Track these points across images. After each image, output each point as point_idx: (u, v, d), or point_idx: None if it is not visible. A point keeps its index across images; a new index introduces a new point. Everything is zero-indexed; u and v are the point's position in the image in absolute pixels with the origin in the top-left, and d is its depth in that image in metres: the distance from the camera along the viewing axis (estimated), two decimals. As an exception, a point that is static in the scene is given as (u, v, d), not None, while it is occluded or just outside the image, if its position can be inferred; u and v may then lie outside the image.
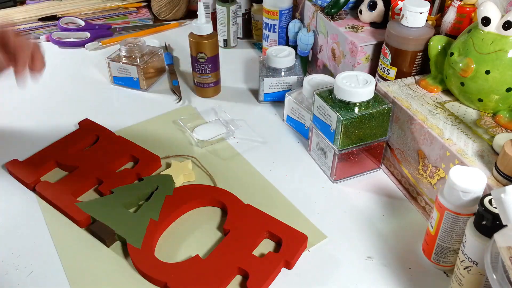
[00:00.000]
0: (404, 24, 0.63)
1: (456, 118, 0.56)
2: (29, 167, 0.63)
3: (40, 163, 0.63)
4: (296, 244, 0.52)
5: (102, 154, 0.65)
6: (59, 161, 0.64)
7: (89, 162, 0.64)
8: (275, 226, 0.54)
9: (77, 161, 0.64)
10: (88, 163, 0.63)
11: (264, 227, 0.54)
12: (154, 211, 0.56)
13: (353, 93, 0.56)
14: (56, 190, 0.59)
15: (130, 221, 0.54)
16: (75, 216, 0.55)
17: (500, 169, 0.46)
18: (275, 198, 0.60)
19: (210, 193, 0.59)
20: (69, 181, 0.61)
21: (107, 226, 0.54)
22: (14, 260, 0.52)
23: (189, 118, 0.74)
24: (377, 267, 0.51)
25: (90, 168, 0.62)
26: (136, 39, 0.83)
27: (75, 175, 0.62)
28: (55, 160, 0.64)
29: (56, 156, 0.65)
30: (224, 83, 0.83)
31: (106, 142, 0.67)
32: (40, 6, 1.11)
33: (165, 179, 0.60)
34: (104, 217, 0.55)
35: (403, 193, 0.61)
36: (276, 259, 0.50)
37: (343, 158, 0.60)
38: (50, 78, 0.86)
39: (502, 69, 0.52)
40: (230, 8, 0.91)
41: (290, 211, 0.58)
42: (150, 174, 0.62)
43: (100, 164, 0.63)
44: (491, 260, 0.36)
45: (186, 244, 0.54)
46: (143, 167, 0.63)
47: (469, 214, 0.44)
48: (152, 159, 0.64)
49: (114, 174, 0.62)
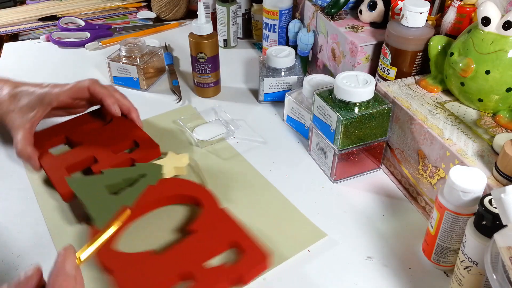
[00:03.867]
0: (404, 24, 0.63)
1: (456, 118, 0.56)
2: (41, 138, 0.65)
3: (50, 136, 0.66)
4: (255, 261, 0.48)
5: (108, 135, 0.66)
6: (68, 136, 0.66)
7: (93, 140, 0.65)
8: (241, 238, 0.51)
9: (83, 138, 0.66)
10: (92, 142, 0.65)
11: (230, 236, 0.51)
12: (130, 198, 0.55)
13: (353, 93, 0.56)
14: (54, 162, 0.61)
15: (105, 204, 0.54)
16: (60, 189, 0.57)
17: (500, 169, 0.46)
18: (275, 198, 0.60)
19: (192, 191, 0.58)
20: (68, 156, 0.63)
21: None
22: (14, 260, 0.52)
23: (189, 118, 0.74)
24: (377, 267, 0.51)
25: (92, 147, 0.64)
26: (136, 39, 0.83)
27: (76, 151, 0.64)
28: (65, 134, 0.66)
29: (66, 131, 0.67)
30: (224, 83, 0.83)
31: (118, 124, 0.68)
32: (40, 6, 1.11)
33: (153, 168, 0.60)
34: (83, 195, 0.55)
35: (403, 193, 0.61)
36: (226, 272, 0.47)
37: (343, 158, 0.60)
38: (50, 78, 0.86)
39: (502, 69, 0.52)
40: (230, 8, 0.91)
41: (290, 210, 0.58)
42: (146, 161, 0.62)
43: (102, 145, 0.64)
44: (491, 260, 0.36)
45: (149, 237, 0.53)
46: (140, 154, 0.63)
47: (469, 214, 0.44)
48: (152, 147, 0.64)
49: (111, 155, 0.63)
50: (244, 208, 0.58)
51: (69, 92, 0.65)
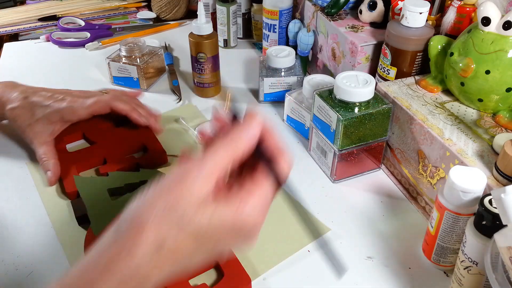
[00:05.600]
0: (404, 24, 0.63)
1: (456, 118, 0.56)
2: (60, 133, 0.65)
3: (70, 131, 0.66)
4: (236, 285, 0.47)
5: (121, 136, 0.67)
6: (85, 134, 0.67)
7: (107, 141, 0.66)
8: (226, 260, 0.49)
9: (98, 137, 0.66)
10: (105, 142, 0.66)
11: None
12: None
13: (353, 93, 0.56)
14: (66, 159, 0.62)
15: (104, 208, 0.55)
16: (66, 187, 0.58)
17: (500, 169, 0.46)
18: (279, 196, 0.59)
19: None
20: (80, 155, 0.64)
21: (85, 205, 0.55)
22: (14, 260, 0.52)
23: (191, 116, 0.74)
24: (377, 267, 0.51)
25: (104, 147, 0.65)
26: (136, 39, 0.83)
27: (89, 150, 0.65)
28: (82, 131, 0.67)
29: (84, 128, 0.68)
30: (224, 83, 0.83)
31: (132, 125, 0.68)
32: (40, 6, 1.11)
33: (156, 176, 0.59)
34: (87, 196, 0.56)
35: (403, 193, 0.61)
36: None
37: (343, 158, 0.60)
38: (50, 78, 0.86)
39: (502, 69, 0.52)
40: (230, 8, 0.91)
41: (293, 207, 0.57)
42: (151, 167, 0.63)
43: (114, 145, 0.65)
44: (491, 260, 0.36)
45: None
46: (147, 159, 0.64)
47: (469, 214, 0.44)
48: (159, 154, 0.64)
49: (119, 158, 0.63)
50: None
51: (90, 110, 0.64)
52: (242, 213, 0.33)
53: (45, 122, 0.62)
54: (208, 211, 0.32)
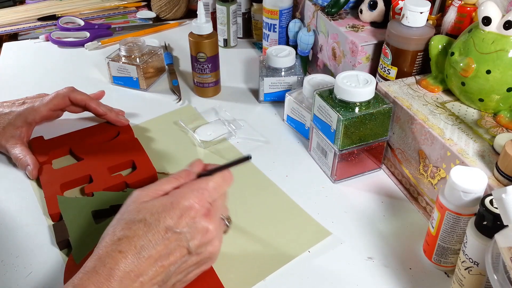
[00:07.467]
0: (404, 23, 0.62)
1: (457, 118, 0.56)
2: (47, 147, 0.65)
3: (56, 146, 0.65)
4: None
5: (109, 153, 0.64)
6: (72, 149, 0.65)
7: (94, 157, 0.64)
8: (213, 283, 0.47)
9: (85, 153, 0.64)
10: (92, 159, 0.63)
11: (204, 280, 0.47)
12: None
13: (353, 93, 0.56)
14: (51, 177, 0.60)
15: (86, 233, 0.52)
16: (49, 208, 0.56)
17: (501, 169, 0.46)
18: (280, 197, 0.59)
19: None
20: (66, 172, 0.61)
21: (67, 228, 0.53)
22: (13, 260, 0.52)
23: (190, 118, 0.74)
24: (378, 267, 0.51)
25: (90, 164, 0.62)
26: (135, 39, 0.83)
27: (74, 168, 0.62)
28: (69, 146, 0.66)
29: (71, 143, 0.66)
30: (224, 83, 0.83)
31: (122, 141, 0.67)
32: (39, 5, 1.11)
33: None
34: (69, 219, 0.54)
35: (404, 193, 0.60)
36: None
37: (343, 158, 0.60)
38: (49, 78, 0.86)
39: (503, 69, 0.52)
40: (230, 7, 0.91)
41: (293, 210, 0.58)
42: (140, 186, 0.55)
43: (100, 163, 0.62)
44: (492, 261, 0.36)
45: None
46: (135, 178, 0.60)
47: (470, 215, 0.44)
48: (148, 171, 0.61)
49: (106, 176, 0.60)
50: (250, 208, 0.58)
51: (50, 105, 0.67)
52: (174, 193, 0.43)
53: (11, 128, 0.64)
54: (144, 202, 0.43)
